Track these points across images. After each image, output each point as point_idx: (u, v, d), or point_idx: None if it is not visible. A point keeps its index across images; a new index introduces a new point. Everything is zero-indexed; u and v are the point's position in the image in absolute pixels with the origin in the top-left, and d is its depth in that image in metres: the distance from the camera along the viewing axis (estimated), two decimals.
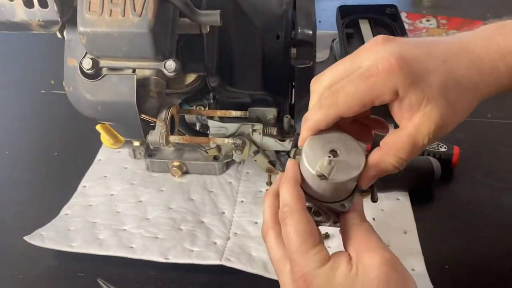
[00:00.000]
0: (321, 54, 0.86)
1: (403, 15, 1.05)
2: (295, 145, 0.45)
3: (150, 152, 0.67)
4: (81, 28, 0.44)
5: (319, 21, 0.73)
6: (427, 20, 1.02)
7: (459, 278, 0.52)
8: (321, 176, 0.36)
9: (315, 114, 0.39)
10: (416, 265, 0.53)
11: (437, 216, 0.60)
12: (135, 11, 0.43)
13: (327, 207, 0.40)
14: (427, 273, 0.52)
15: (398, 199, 0.61)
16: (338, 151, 0.38)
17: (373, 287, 0.35)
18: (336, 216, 0.41)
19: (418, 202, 0.61)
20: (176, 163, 0.66)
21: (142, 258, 0.55)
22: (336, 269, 0.36)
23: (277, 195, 0.41)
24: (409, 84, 0.36)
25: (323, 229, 0.41)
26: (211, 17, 0.46)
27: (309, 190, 0.40)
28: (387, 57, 0.36)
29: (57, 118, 0.81)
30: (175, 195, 0.64)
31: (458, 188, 0.64)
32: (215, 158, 0.66)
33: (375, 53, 0.37)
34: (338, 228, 0.41)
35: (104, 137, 0.59)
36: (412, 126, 0.36)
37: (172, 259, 0.55)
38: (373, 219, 0.58)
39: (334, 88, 0.37)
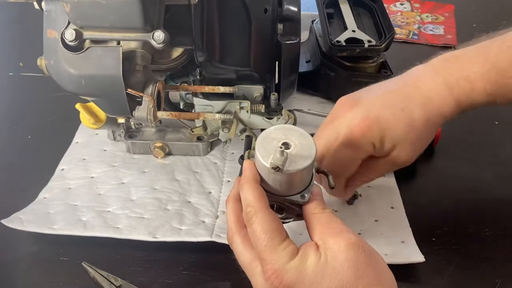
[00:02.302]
0: (302, 36, 0.86)
1: None
2: (247, 146, 0.46)
3: (131, 134, 0.65)
4: None
5: None
6: (401, 4, 1.03)
7: (446, 248, 0.53)
8: (276, 168, 0.37)
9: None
10: (405, 238, 0.54)
11: (421, 190, 0.61)
12: None
13: (288, 201, 0.41)
14: (416, 244, 0.52)
15: (383, 176, 0.62)
16: (290, 144, 0.39)
17: (343, 269, 0.36)
18: (299, 208, 0.42)
19: (403, 178, 0.62)
20: (158, 144, 0.64)
21: (129, 238, 0.53)
22: (306, 260, 0.37)
23: (238, 199, 0.42)
24: (380, 138, 0.46)
25: None
26: None
27: (268, 187, 0.41)
28: (358, 123, 0.46)
29: (27, 101, 0.78)
30: (159, 176, 0.62)
31: (440, 164, 0.65)
32: (199, 139, 0.64)
33: (348, 121, 0.47)
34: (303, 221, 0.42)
35: (84, 117, 0.56)
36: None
37: (161, 238, 0.53)
38: (360, 195, 0.59)
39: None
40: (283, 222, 0.43)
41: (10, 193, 0.61)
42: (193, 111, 0.60)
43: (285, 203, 0.42)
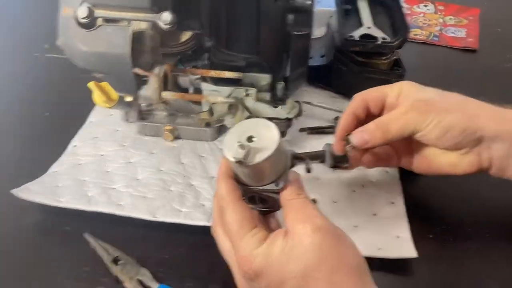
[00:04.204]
0: (318, 32, 0.86)
1: (400, 0, 1.05)
2: None
3: (143, 116, 0.67)
4: None
5: (318, 0, 0.74)
6: (425, 5, 1.02)
7: (443, 246, 0.53)
8: (239, 162, 0.39)
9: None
10: (401, 233, 0.53)
11: (424, 186, 0.61)
12: None
13: (266, 190, 0.42)
14: (411, 240, 0.52)
15: (387, 171, 0.62)
16: (254, 136, 0.40)
17: (307, 253, 0.37)
18: (278, 196, 0.43)
19: (407, 173, 0.61)
20: (168, 127, 0.66)
21: (130, 215, 0.55)
22: (272, 246, 0.38)
23: None
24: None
25: None
26: None
27: (242, 180, 0.42)
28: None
29: (49, 81, 0.81)
30: (166, 158, 0.63)
31: None
32: (207, 125, 0.66)
33: None
34: None
35: (97, 94, 0.58)
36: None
37: (161, 218, 0.54)
38: (362, 185, 0.59)
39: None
40: (269, 212, 0.45)
41: (23, 164, 0.64)
42: None
43: (263, 194, 0.43)
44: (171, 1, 0.47)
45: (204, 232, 0.54)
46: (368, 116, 0.51)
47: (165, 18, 0.45)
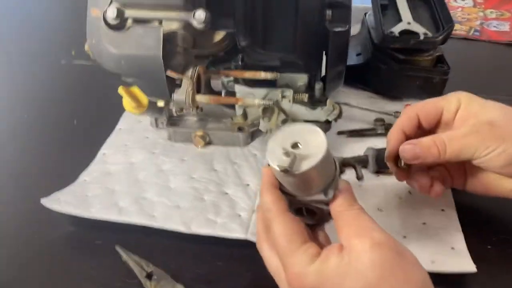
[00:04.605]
0: (353, 29, 0.82)
1: None
2: None
3: (173, 121, 0.64)
4: None
5: None
6: None
7: (503, 257, 0.48)
8: (285, 171, 0.36)
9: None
10: (455, 244, 0.49)
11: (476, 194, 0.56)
12: None
13: (313, 201, 0.39)
14: (468, 251, 0.48)
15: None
16: (300, 143, 0.38)
17: (367, 271, 0.33)
18: (328, 206, 0.39)
19: None
20: (199, 133, 0.63)
21: (164, 227, 0.52)
22: (327, 262, 0.35)
23: None
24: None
25: None
26: None
27: (288, 190, 0.39)
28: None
29: (77, 88, 0.80)
30: (198, 165, 0.61)
31: None
32: (240, 129, 0.63)
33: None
34: None
35: (127, 101, 0.56)
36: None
37: (195, 229, 0.52)
38: (409, 192, 0.55)
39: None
40: (317, 225, 0.42)
41: (53, 173, 0.62)
42: None
43: (311, 204, 0.40)
44: None
45: (243, 244, 0.51)
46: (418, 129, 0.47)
47: (199, 16, 0.42)
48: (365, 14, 0.78)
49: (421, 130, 0.47)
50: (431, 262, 0.47)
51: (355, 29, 0.82)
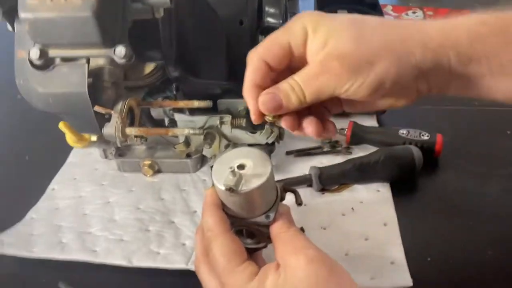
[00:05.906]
0: None
1: (388, 8, 1.02)
2: None
3: (121, 152, 0.64)
4: (22, 14, 0.41)
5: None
6: (413, 12, 0.99)
7: (442, 271, 0.49)
8: (230, 190, 0.37)
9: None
10: (395, 258, 0.49)
11: (419, 206, 0.57)
12: None
13: (255, 223, 0.40)
14: (406, 266, 0.48)
15: (378, 190, 0.58)
16: (246, 164, 0.39)
17: (304, 285, 0.34)
18: (268, 230, 0.40)
19: (400, 193, 0.57)
20: (147, 162, 0.63)
21: (105, 262, 0.52)
22: (264, 280, 0.36)
23: None
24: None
25: None
26: None
27: (231, 211, 0.40)
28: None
29: (33, 124, 0.79)
30: (145, 195, 0.61)
31: (442, 177, 0.60)
32: (188, 156, 0.63)
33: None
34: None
35: (68, 135, 0.56)
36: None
37: (136, 263, 0.51)
38: (352, 208, 0.55)
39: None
40: (258, 248, 0.43)
41: (1, 212, 0.61)
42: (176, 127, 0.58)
43: (253, 227, 0.41)
44: (126, 34, 0.44)
45: (186, 274, 0.51)
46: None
47: (119, 52, 0.43)
48: None
49: (275, 73, 0.39)
50: (370, 278, 0.47)
51: None
